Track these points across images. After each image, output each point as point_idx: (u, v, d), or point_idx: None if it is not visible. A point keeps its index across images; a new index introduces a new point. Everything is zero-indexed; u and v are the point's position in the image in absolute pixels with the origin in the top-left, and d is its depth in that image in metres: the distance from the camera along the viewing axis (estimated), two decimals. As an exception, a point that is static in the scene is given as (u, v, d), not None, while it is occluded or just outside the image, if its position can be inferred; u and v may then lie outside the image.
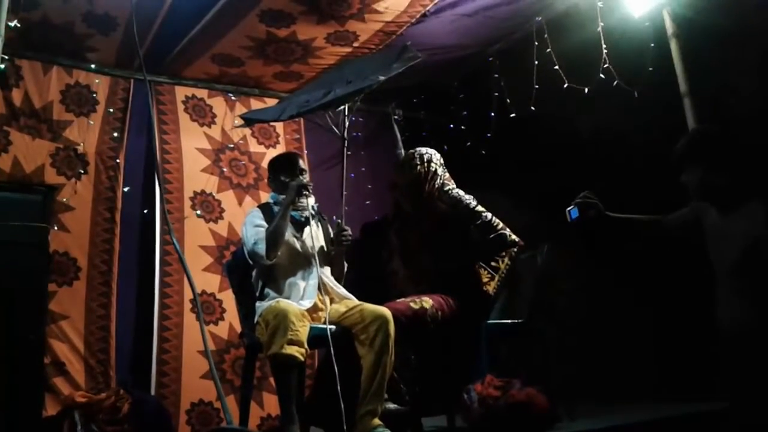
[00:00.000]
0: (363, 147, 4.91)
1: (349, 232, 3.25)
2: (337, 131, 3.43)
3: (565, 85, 3.94)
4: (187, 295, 4.07)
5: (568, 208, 2.70)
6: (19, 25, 3.41)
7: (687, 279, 3.35)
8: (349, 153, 3.56)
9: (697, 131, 2.65)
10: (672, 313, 3.86)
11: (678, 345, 3.87)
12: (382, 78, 3.09)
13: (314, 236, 3.26)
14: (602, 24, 3.82)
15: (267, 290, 3.15)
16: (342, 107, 3.33)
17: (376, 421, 2.82)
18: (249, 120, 3.84)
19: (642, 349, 3.98)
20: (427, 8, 3.85)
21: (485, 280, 3.50)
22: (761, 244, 2.45)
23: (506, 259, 3.49)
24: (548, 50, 3.97)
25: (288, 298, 3.07)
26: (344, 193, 3.40)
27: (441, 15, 3.94)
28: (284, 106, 3.56)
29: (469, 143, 4.71)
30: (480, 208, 3.53)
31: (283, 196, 3.22)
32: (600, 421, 3.29)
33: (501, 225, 3.51)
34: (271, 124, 4.69)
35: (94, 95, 4.16)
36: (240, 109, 4.63)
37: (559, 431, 3.06)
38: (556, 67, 3.95)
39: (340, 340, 2.96)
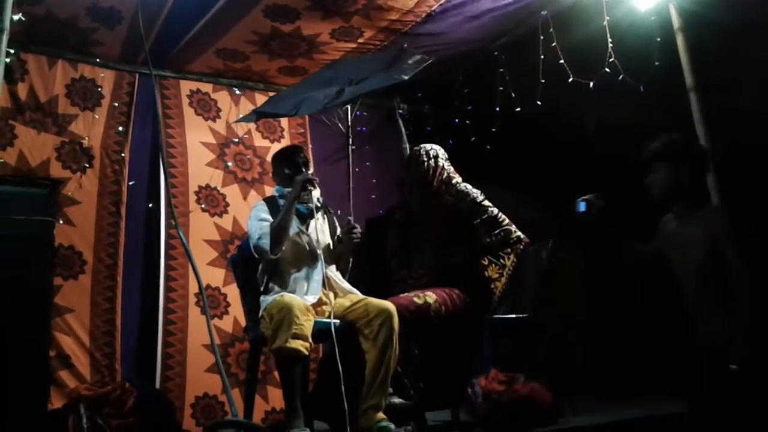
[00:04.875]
0: (367, 141, 4.91)
1: (359, 229, 3.25)
2: (342, 128, 3.44)
3: (571, 80, 3.93)
4: (192, 288, 4.08)
5: (579, 199, 2.94)
6: (24, 19, 3.41)
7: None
8: (353, 147, 3.57)
9: (666, 135, 2.92)
10: (675, 309, 3.86)
11: (680, 341, 3.86)
12: (405, 77, 3.14)
13: (320, 230, 3.27)
14: (608, 18, 3.80)
15: (271, 284, 3.16)
16: (348, 105, 3.35)
17: (380, 415, 2.83)
18: (260, 114, 3.78)
19: (645, 344, 3.98)
20: (433, 8, 3.84)
21: (495, 276, 3.50)
22: (720, 246, 2.61)
23: (512, 256, 3.48)
24: (553, 44, 3.95)
25: (293, 292, 3.08)
26: (351, 189, 3.40)
27: (446, 14, 3.93)
28: (297, 100, 3.52)
29: (473, 138, 4.70)
30: (486, 202, 3.53)
31: (288, 189, 3.22)
32: (603, 416, 3.29)
33: (507, 221, 3.51)
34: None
35: (99, 89, 4.17)
36: (244, 103, 4.63)
37: (563, 426, 3.06)
38: (562, 61, 3.93)
39: (345, 334, 2.97)
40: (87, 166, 4.03)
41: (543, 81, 4.06)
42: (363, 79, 3.30)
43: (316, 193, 3.27)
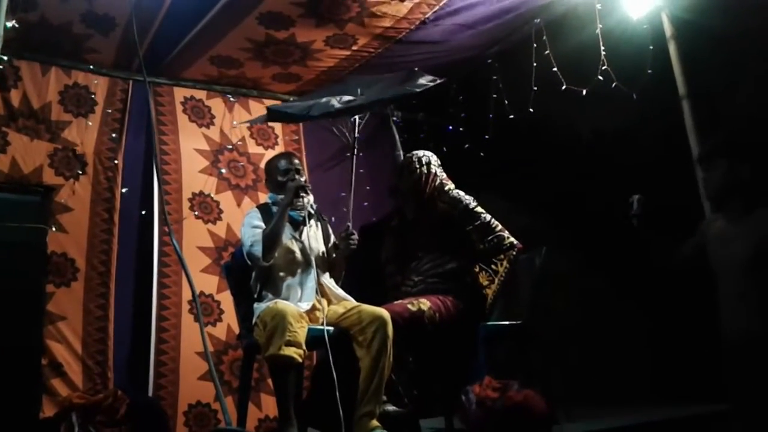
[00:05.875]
0: (361, 149, 4.88)
1: (357, 236, 3.25)
2: (349, 138, 3.45)
3: (564, 87, 3.95)
4: (185, 296, 4.06)
5: (634, 197, 2.89)
6: (17, 26, 3.40)
7: (683, 282, 3.35)
8: (347, 154, 3.57)
9: (725, 129, 2.76)
10: (668, 316, 3.87)
11: (674, 347, 3.87)
12: (417, 90, 3.19)
13: (313, 237, 3.26)
14: (601, 26, 3.82)
15: (265, 292, 3.15)
16: (357, 115, 3.37)
17: (374, 422, 2.82)
18: (273, 113, 3.76)
19: (639, 351, 3.99)
20: (427, 15, 3.86)
21: (485, 283, 3.50)
22: None
23: (505, 263, 3.48)
24: (546, 52, 3.98)
25: (286, 299, 3.07)
26: (352, 197, 3.40)
27: (440, 22, 3.94)
28: (309, 105, 3.53)
29: (467, 145, 4.72)
30: (479, 209, 3.54)
31: (281, 197, 3.22)
32: (598, 423, 3.29)
33: (500, 227, 3.51)
34: (269, 124, 4.69)
35: (93, 96, 4.16)
36: (238, 110, 4.63)
37: (557, 433, 3.06)
38: (555, 69, 3.95)
39: (339, 341, 2.96)
40: (80, 172, 4.01)
41: (536, 88, 4.07)
42: (375, 92, 3.35)
43: (309, 200, 3.27)
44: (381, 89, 3.38)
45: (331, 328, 2.99)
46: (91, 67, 4.16)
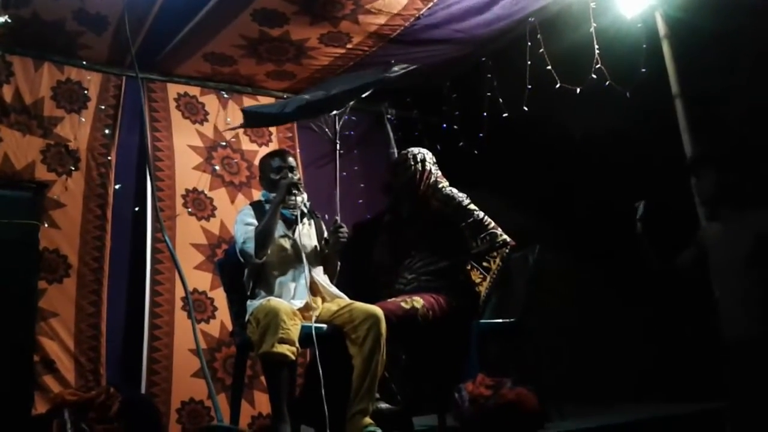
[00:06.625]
0: (356, 146, 4.91)
1: (346, 229, 3.25)
2: (329, 134, 3.45)
3: (557, 86, 3.95)
4: (179, 293, 4.05)
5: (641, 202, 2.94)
6: (10, 21, 3.39)
7: (676, 282, 3.36)
8: (341, 152, 3.57)
9: (710, 136, 2.78)
10: (661, 314, 3.88)
11: (668, 346, 3.88)
12: (387, 75, 3.20)
13: (306, 234, 3.26)
14: (595, 25, 3.83)
15: (258, 289, 3.15)
16: (334, 112, 3.36)
17: (367, 420, 2.82)
18: (248, 114, 3.77)
19: (632, 349, 4.00)
20: (421, 12, 3.85)
21: (477, 281, 3.51)
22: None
23: (497, 260, 3.49)
24: (541, 51, 3.98)
25: (279, 296, 3.07)
26: (338, 192, 3.41)
27: (434, 19, 3.94)
28: (284, 103, 3.54)
29: (461, 143, 4.72)
30: (472, 206, 3.54)
31: (273, 194, 3.21)
32: (590, 421, 3.30)
33: (492, 224, 3.51)
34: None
35: (86, 92, 4.14)
36: (233, 107, 4.61)
37: (549, 431, 3.07)
38: (549, 67, 3.95)
39: (332, 339, 2.96)
40: (73, 168, 4.00)
41: (530, 87, 4.08)
42: (346, 84, 3.35)
43: (302, 197, 3.27)
44: (352, 81, 3.38)
45: (323, 326, 2.99)
46: (84, 63, 4.14)
